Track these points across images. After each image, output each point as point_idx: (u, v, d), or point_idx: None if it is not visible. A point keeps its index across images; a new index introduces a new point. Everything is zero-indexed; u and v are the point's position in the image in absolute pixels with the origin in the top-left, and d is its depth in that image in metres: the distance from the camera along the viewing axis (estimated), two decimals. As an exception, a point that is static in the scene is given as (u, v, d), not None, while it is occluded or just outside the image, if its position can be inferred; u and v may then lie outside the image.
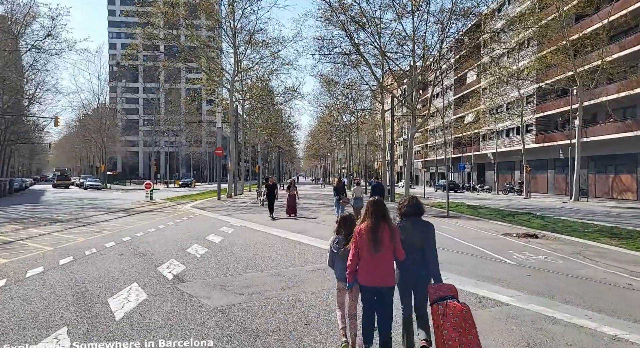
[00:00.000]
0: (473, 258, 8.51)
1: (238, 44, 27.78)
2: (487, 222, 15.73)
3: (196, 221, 15.06)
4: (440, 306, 3.38)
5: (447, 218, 16.82)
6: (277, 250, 9.19)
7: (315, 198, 28.73)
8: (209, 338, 4.20)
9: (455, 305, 3.34)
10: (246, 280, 6.52)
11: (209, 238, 10.87)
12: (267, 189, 16.02)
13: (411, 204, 3.89)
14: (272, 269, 7.36)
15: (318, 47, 23.17)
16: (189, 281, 6.46)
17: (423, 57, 21.17)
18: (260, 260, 8.11)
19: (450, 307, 3.33)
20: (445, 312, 3.31)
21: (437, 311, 3.37)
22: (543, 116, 39.04)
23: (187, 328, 4.48)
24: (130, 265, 7.50)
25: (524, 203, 29.41)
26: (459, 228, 13.56)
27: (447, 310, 3.32)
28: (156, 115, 52.87)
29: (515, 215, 18.58)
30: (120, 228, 12.95)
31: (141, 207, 21.88)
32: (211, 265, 7.58)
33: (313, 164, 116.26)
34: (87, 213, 17.65)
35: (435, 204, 25.78)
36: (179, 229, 12.67)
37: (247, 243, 10.26)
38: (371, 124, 53.51)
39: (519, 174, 46.13)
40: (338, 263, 3.93)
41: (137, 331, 4.38)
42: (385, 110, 30.11)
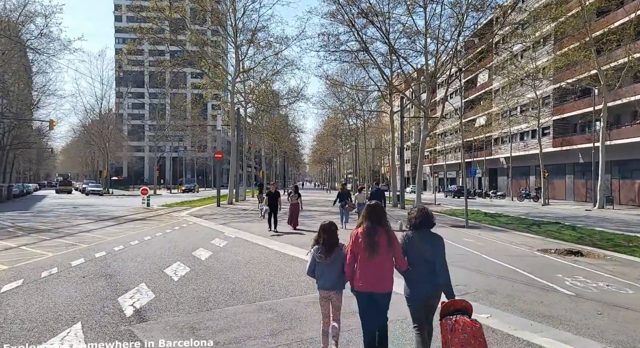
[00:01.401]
0: (514, 284, 6.89)
1: (239, 43, 26.48)
2: (512, 233, 14.06)
3: (188, 231, 13.59)
4: (449, 321, 3.25)
5: (465, 228, 15.19)
6: (273, 271, 7.66)
7: (320, 205, 27.16)
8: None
9: (465, 321, 3.21)
10: (226, 319, 4.99)
11: (196, 253, 9.38)
12: (268, 198, 13.69)
13: (421, 215, 3.69)
14: (263, 299, 5.83)
15: (323, 44, 21.70)
16: (151, 320, 4.94)
17: (436, 52, 19.61)
18: (249, 286, 6.58)
19: (460, 322, 3.21)
20: (454, 328, 3.19)
21: (445, 326, 3.25)
22: (560, 118, 37.17)
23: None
24: (87, 294, 6.01)
25: (543, 210, 27.57)
26: (484, 241, 11.92)
27: (456, 325, 3.19)
28: (159, 120, 51.80)
29: (540, 224, 16.87)
30: (101, 240, 11.51)
31: (135, 214, 20.51)
32: (187, 294, 6.07)
33: (319, 169, 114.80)
34: (73, 222, 16.27)
35: (449, 211, 24.08)
36: (165, 242, 11.19)
37: (239, 260, 8.74)
38: (378, 128, 51.94)
39: (534, 179, 44.19)
40: (320, 272, 3.82)
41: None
42: (394, 111, 28.55)
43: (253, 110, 38.01)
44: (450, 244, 11.06)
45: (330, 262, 3.77)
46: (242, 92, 30.51)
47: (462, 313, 3.30)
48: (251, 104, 33.49)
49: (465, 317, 3.25)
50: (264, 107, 33.57)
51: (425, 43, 20.04)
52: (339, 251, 3.79)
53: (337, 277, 3.76)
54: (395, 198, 28.18)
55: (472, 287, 6.54)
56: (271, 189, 14.34)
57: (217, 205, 25.10)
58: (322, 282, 3.80)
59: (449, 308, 3.36)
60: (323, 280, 3.78)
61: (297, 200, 14.20)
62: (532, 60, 32.66)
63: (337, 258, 3.76)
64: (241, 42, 26.52)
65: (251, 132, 39.30)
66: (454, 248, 10.47)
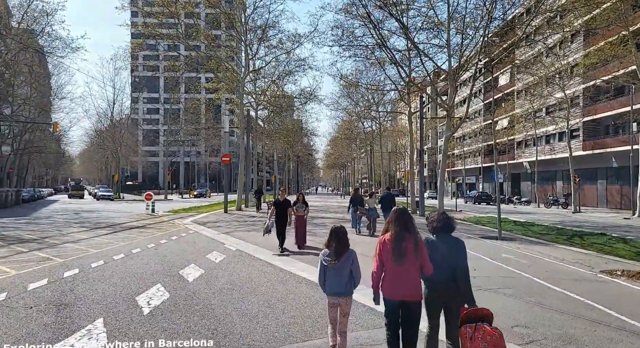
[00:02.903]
0: (596, 326, 5.12)
1: (249, 41, 25.16)
2: (555, 247, 12.17)
3: (184, 242, 12.12)
4: (469, 328, 3.14)
5: (499, 240, 13.32)
6: (272, 299, 6.06)
7: (333, 211, 25.51)
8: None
9: (485, 329, 3.11)
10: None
11: (185, 272, 7.86)
12: (276, 208, 10.78)
13: (442, 219, 3.63)
14: (252, 347, 4.23)
15: (337, 38, 20.08)
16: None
17: (461, 46, 17.82)
18: (238, 323, 4.99)
19: (480, 330, 3.10)
20: (473, 336, 3.08)
21: (465, 334, 3.14)
22: (591, 120, 34.75)
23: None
24: (17, 337, 4.50)
25: (577, 219, 25.32)
26: (527, 258, 10.10)
27: (476, 333, 3.08)
28: (170, 125, 51.11)
29: (583, 236, 14.89)
30: (84, 252, 10.11)
31: (136, 221, 19.21)
32: (153, 335, 4.51)
33: (333, 174, 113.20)
34: (64, 231, 14.98)
35: (473, 219, 22.13)
36: (154, 256, 9.72)
37: (233, 281, 7.18)
38: (394, 130, 50.06)
39: (560, 184, 41.65)
40: (328, 277, 3.72)
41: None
42: (413, 112, 26.78)
43: (265, 113, 36.77)
44: (489, 262, 9.28)
45: (339, 266, 3.68)
46: (252, 92, 29.18)
47: (483, 321, 3.18)
48: (262, 106, 32.16)
49: (485, 325, 3.15)
50: (275, 108, 32.15)
51: (447, 36, 18.28)
52: (349, 255, 3.71)
53: (346, 282, 3.68)
54: (414, 204, 26.32)
55: (537, 330, 4.82)
56: (279, 198, 11.28)
57: (225, 212, 23.68)
58: (330, 287, 3.71)
59: (469, 316, 3.24)
60: (331, 284, 3.70)
61: (303, 212, 11.31)
62: (559, 57, 30.49)
63: (347, 262, 3.69)
64: (251, 40, 25.22)
65: (263, 135, 37.98)
66: (495, 267, 8.71)
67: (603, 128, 35.37)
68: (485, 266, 8.72)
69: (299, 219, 11.19)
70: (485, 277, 7.53)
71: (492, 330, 3.09)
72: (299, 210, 11.26)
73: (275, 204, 10.99)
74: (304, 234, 11.33)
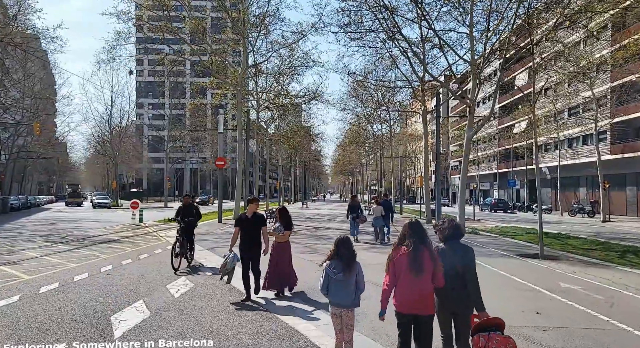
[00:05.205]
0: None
1: (247, 33, 22.99)
2: (618, 269, 9.60)
3: (151, 263, 9.75)
4: (482, 338, 3.08)
5: (541, 259, 10.76)
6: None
7: (340, 221, 23.01)
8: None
9: (498, 338, 3.06)
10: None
11: (119, 317, 5.48)
12: (240, 229, 6.53)
13: (451, 226, 3.62)
14: None
15: (342, 25, 17.71)
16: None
17: (487, 29, 15.34)
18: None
19: (493, 339, 3.05)
20: (487, 345, 3.03)
21: (478, 343, 3.10)
22: (620, 122, 31.92)
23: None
24: None
25: (611, 229, 22.55)
26: (597, 290, 7.50)
27: (489, 343, 3.03)
28: (169, 130, 49.30)
29: (637, 252, 12.29)
30: (12, 280, 7.79)
31: (114, 233, 16.95)
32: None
33: (341, 181, 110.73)
34: (18, 246, 12.68)
35: (495, 229, 19.54)
36: (98, 285, 7.34)
37: (183, 336, 4.75)
38: (405, 133, 47.55)
39: (584, 191, 38.76)
40: (334, 288, 3.69)
41: None
42: (428, 111, 24.33)
43: (268, 115, 34.57)
44: (552, 299, 6.65)
45: (346, 278, 3.65)
46: (252, 91, 26.97)
47: (495, 330, 3.12)
48: (264, 106, 29.93)
49: (498, 334, 3.10)
50: (278, 109, 29.90)
51: (470, 18, 15.86)
52: (355, 266, 3.71)
53: (352, 294, 3.67)
54: (429, 213, 23.74)
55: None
56: (247, 212, 6.62)
57: (219, 222, 21.34)
58: (335, 299, 3.69)
59: (482, 325, 3.17)
60: (338, 297, 3.68)
61: (287, 237, 7.00)
62: (587, 52, 27.81)
63: (353, 273, 3.68)
64: (249, 32, 23.04)
65: (266, 137, 35.73)
66: (563, 307, 6.14)
67: (632, 130, 32.52)
68: (550, 307, 6.19)
69: (278, 248, 6.84)
70: (563, 330, 5.03)
71: (505, 338, 3.07)
72: (278, 234, 6.90)
73: (239, 222, 6.54)
74: (288, 272, 6.86)
